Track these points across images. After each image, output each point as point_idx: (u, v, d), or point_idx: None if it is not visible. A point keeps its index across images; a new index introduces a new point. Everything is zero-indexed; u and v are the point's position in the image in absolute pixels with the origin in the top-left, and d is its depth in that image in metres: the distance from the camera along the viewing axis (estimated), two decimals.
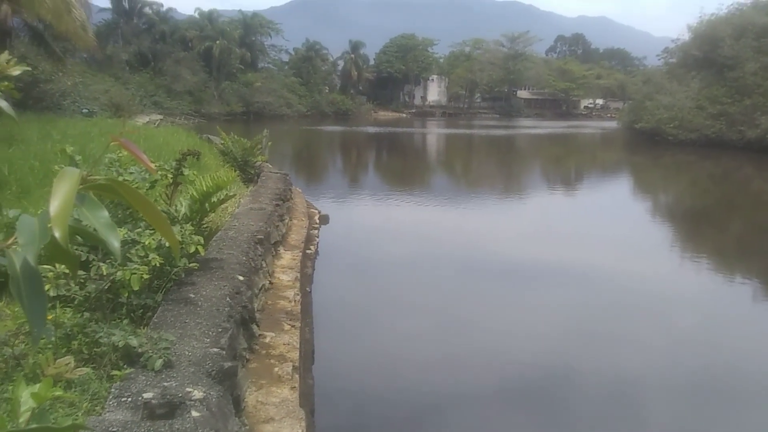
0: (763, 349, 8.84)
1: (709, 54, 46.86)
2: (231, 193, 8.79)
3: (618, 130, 60.26)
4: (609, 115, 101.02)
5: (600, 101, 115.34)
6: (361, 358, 8.08)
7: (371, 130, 60.47)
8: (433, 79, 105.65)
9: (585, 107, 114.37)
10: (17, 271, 1.01)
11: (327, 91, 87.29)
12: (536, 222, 18.02)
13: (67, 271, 4.57)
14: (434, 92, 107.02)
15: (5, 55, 1.47)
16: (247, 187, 14.38)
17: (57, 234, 0.95)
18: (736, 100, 43.39)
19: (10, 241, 1.07)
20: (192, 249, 5.72)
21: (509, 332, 9.00)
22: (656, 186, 28.59)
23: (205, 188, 7.32)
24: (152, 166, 1.19)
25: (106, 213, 1.07)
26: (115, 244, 1.06)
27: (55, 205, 0.96)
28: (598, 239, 15.34)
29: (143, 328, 4.93)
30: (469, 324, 9.34)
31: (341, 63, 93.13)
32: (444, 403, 6.88)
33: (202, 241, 6.00)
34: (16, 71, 1.46)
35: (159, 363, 4.16)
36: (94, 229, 1.07)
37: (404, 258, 13.02)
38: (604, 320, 9.62)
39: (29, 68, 1.59)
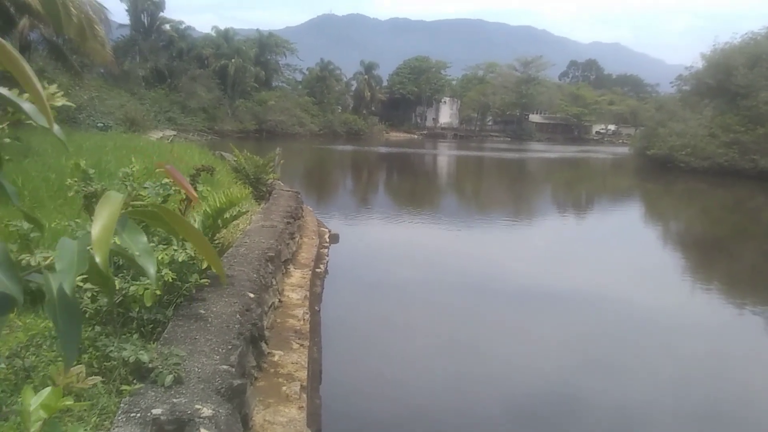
0: None
1: (722, 82, 46.89)
2: (243, 210, 8.81)
3: (629, 156, 60.17)
4: (620, 141, 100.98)
5: (612, 127, 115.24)
6: (368, 380, 8.02)
7: (383, 150, 60.74)
8: (445, 101, 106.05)
9: (597, 133, 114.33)
10: (54, 296, 1.01)
11: (340, 110, 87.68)
12: (547, 247, 17.94)
13: (81, 284, 4.58)
14: (446, 114, 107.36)
15: (53, 87, 1.61)
16: (259, 205, 14.42)
17: (98, 258, 0.95)
18: (749, 129, 43.33)
19: (48, 261, 1.07)
20: (204, 265, 5.73)
21: (518, 357, 8.92)
22: (667, 213, 28.43)
23: (218, 204, 7.35)
24: (195, 194, 1.20)
25: (145, 238, 1.08)
26: (151, 270, 1.07)
27: (96, 229, 0.96)
28: (608, 266, 15.25)
29: (153, 343, 4.92)
30: (478, 348, 9.26)
31: (354, 83, 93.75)
32: (451, 428, 6.80)
33: None
34: (59, 102, 1.59)
35: (169, 379, 4.15)
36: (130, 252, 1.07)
37: (413, 280, 12.98)
38: (612, 347, 9.52)
39: (69, 103, 1.73)
